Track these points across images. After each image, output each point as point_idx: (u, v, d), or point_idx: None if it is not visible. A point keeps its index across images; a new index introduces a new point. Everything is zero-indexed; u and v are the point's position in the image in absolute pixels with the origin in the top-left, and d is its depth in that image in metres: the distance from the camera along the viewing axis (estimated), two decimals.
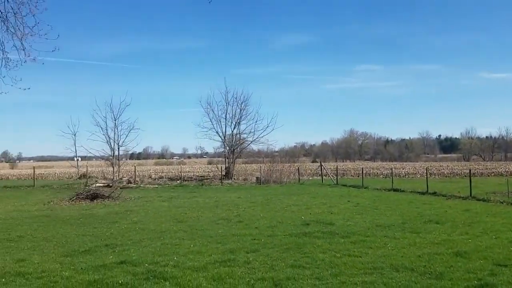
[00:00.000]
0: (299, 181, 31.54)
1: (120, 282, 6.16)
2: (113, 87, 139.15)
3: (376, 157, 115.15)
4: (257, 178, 31.65)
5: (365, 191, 23.00)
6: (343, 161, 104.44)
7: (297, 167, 36.04)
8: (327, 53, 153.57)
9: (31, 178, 35.29)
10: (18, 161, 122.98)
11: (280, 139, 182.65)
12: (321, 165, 35.14)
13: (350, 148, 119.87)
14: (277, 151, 53.18)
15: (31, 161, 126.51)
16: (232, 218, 12.91)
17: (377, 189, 23.94)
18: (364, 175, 30.03)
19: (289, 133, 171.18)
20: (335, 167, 38.57)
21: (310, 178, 35.57)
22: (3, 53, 11.84)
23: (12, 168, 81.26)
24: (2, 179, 41.46)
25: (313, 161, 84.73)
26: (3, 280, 6.37)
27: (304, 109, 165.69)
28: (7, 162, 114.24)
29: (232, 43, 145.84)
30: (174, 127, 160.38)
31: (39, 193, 23.73)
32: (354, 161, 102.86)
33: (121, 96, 39.21)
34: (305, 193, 21.42)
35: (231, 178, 32.92)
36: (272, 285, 5.96)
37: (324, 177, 32.86)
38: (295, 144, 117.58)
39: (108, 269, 6.95)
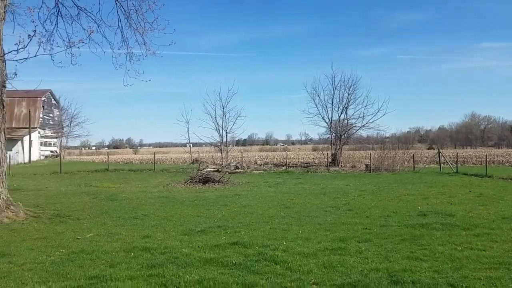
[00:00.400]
0: (413, 169, 29.62)
1: (233, 262, 6.36)
2: (222, 76, 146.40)
3: (501, 143, 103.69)
4: (366, 165, 30.50)
5: (489, 181, 20.76)
6: (463, 148, 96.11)
7: (411, 154, 33.93)
8: (444, 30, 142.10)
9: (151, 162, 38.61)
10: (139, 147, 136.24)
11: (391, 124, 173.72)
12: (439, 152, 32.54)
13: (471, 134, 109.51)
14: (388, 137, 50.56)
15: (150, 147, 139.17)
16: (341, 206, 12.59)
17: (503, 178, 21.46)
18: (487, 163, 27.16)
19: (401, 118, 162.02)
20: (455, 154, 35.54)
21: (426, 166, 33.18)
22: (127, 48, 13.00)
23: (135, 154, 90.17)
24: (127, 163, 46.12)
25: (429, 148, 79.31)
26: (132, 254, 6.99)
27: (418, 92, 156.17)
28: (130, 148, 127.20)
29: (338, 25, 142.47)
30: (278, 113, 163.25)
31: (158, 176, 25.86)
32: (475, 148, 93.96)
33: (229, 84, 40.89)
34: (421, 182, 20.05)
35: (338, 165, 32.21)
36: (387, 276, 5.64)
37: (442, 165, 30.42)
38: (408, 130, 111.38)
39: (222, 249, 7.24)
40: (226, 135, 35.75)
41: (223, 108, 35.10)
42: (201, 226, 9.44)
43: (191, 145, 47.74)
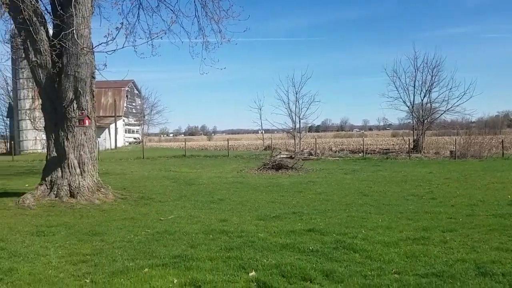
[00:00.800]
0: (502, 155, 27.33)
1: (310, 248, 6.29)
2: (295, 61, 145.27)
3: None
4: (451, 151, 28.74)
5: None
6: None
7: (500, 140, 31.30)
8: None
9: (225, 148, 39.62)
10: (213, 134, 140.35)
11: (478, 108, 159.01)
12: None
13: None
14: (474, 122, 47.00)
15: (223, 134, 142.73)
16: (424, 194, 11.96)
17: None
18: None
19: (489, 101, 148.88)
20: None
21: None
22: (203, 37, 13.34)
23: (209, 140, 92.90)
24: (202, 149, 47.78)
25: None
26: (211, 236, 7.22)
27: (507, 73, 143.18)
28: (205, 135, 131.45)
29: (419, 4, 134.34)
30: (354, 98, 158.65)
31: (232, 162, 26.47)
32: None
33: (302, 69, 40.49)
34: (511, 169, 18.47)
35: (420, 152, 30.65)
36: (474, 267, 5.26)
37: None
38: (496, 113, 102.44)
39: (297, 235, 7.19)
40: (299, 121, 35.51)
41: (296, 94, 34.86)
42: (275, 212, 9.48)
43: (263, 132, 48.18)
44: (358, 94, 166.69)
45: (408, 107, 34.24)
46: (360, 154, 31.38)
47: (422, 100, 33.71)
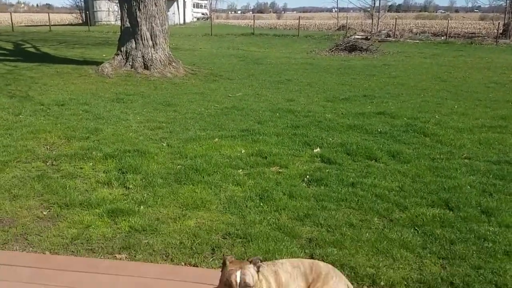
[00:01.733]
0: None
1: (379, 130, 6.21)
2: None
3: None
4: None
5: None
6: None
7: None
8: None
9: (295, 28, 37.93)
10: (283, 11, 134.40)
11: None
12: None
13: None
14: None
15: (294, 12, 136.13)
16: (507, 82, 11.01)
17: None
18: None
19: None
20: None
21: None
22: None
23: (279, 19, 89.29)
24: (271, 28, 46.22)
25: None
26: (277, 114, 7.32)
27: None
28: (274, 13, 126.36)
29: None
30: None
31: (302, 42, 25.54)
32: None
33: None
34: None
35: (509, 37, 27.53)
36: None
37: None
38: None
39: (366, 117, 7.09)
40: None
41: None
42: (345, 94, 9.26)
43: (338, 11, 45.13)
44: None
45: None
46: (442, 38, 28.81)
47: None
